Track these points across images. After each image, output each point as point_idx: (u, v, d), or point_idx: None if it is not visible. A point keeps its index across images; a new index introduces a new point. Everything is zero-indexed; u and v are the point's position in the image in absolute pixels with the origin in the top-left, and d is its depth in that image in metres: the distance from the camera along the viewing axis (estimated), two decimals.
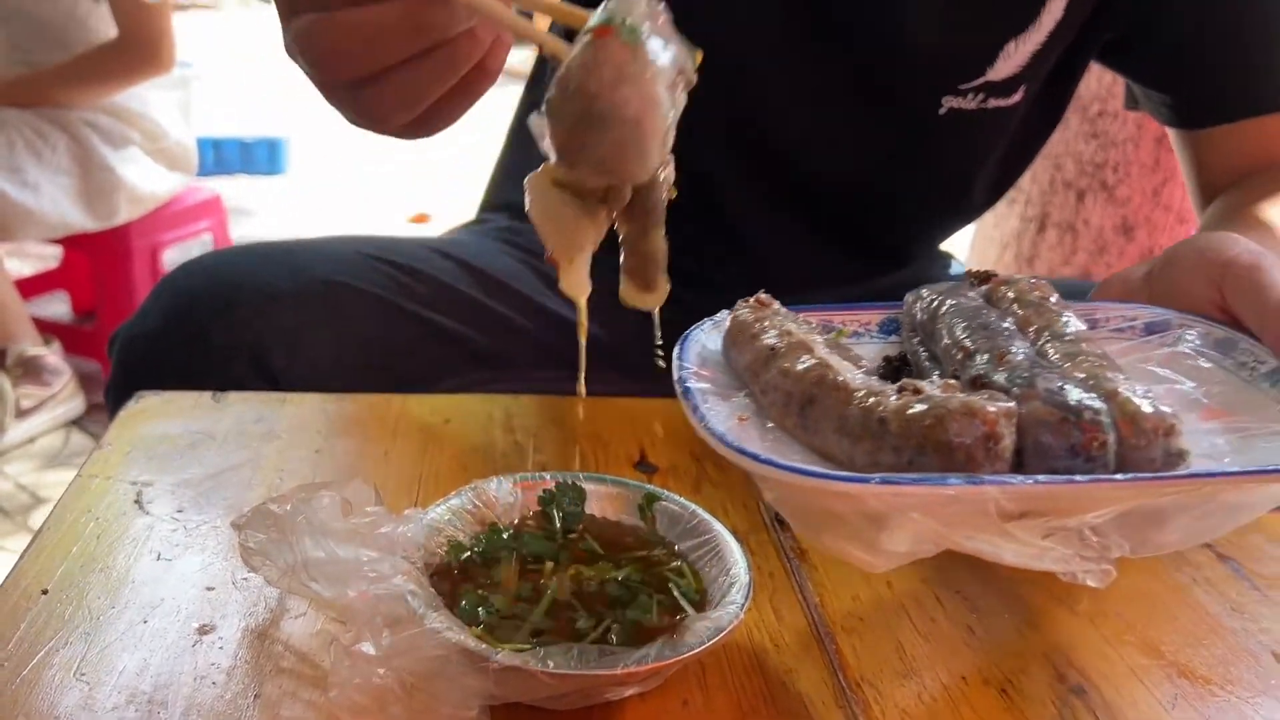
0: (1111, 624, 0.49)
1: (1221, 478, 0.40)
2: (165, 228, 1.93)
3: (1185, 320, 0.52)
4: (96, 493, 0.53)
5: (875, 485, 0.37)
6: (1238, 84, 0.78)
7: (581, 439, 0.62)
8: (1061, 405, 0.39)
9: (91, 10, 1.74)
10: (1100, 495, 0.38)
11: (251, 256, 0.71)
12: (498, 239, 0.90)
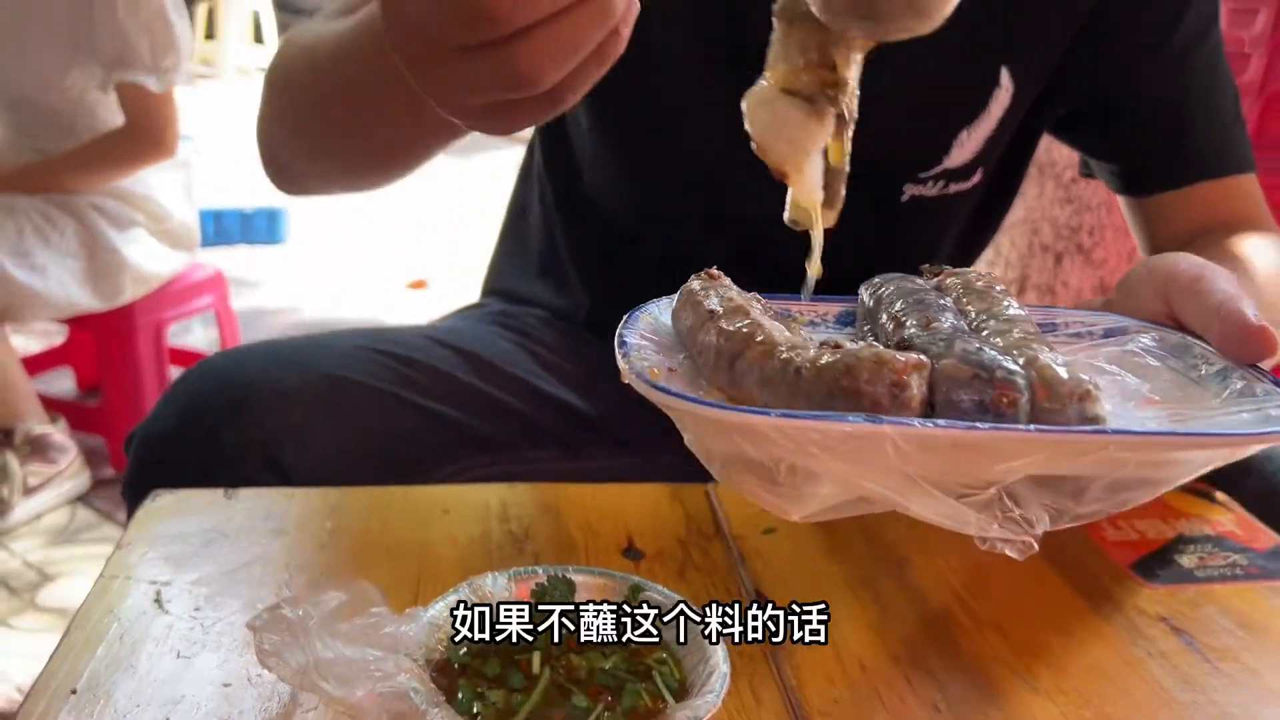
0: (1070, 699, 0.52)
1: (1126, 436, 0.42)
2: (169, 305, 1.98)
3: (1144, 326, 0.55)
4: (118, 593, 0.56)
5: (773, 418, 0.39)
6: (1182, 152, 0.83)
7: (573, 529, 0.65)
8: (975, 363, 0.41)
9: (100, 99, 1.80)
10: (1001, 446, 0.40)
11: (260, 356, 0.74)
12: (493, 323, 0.94)
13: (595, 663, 0.49)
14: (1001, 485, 0.42)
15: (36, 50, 1.75)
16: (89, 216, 1.79)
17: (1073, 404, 0.41)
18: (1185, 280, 0.54)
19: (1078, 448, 0.41)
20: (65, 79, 1.77)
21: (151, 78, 1.74)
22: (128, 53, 1.72)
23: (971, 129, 0.80)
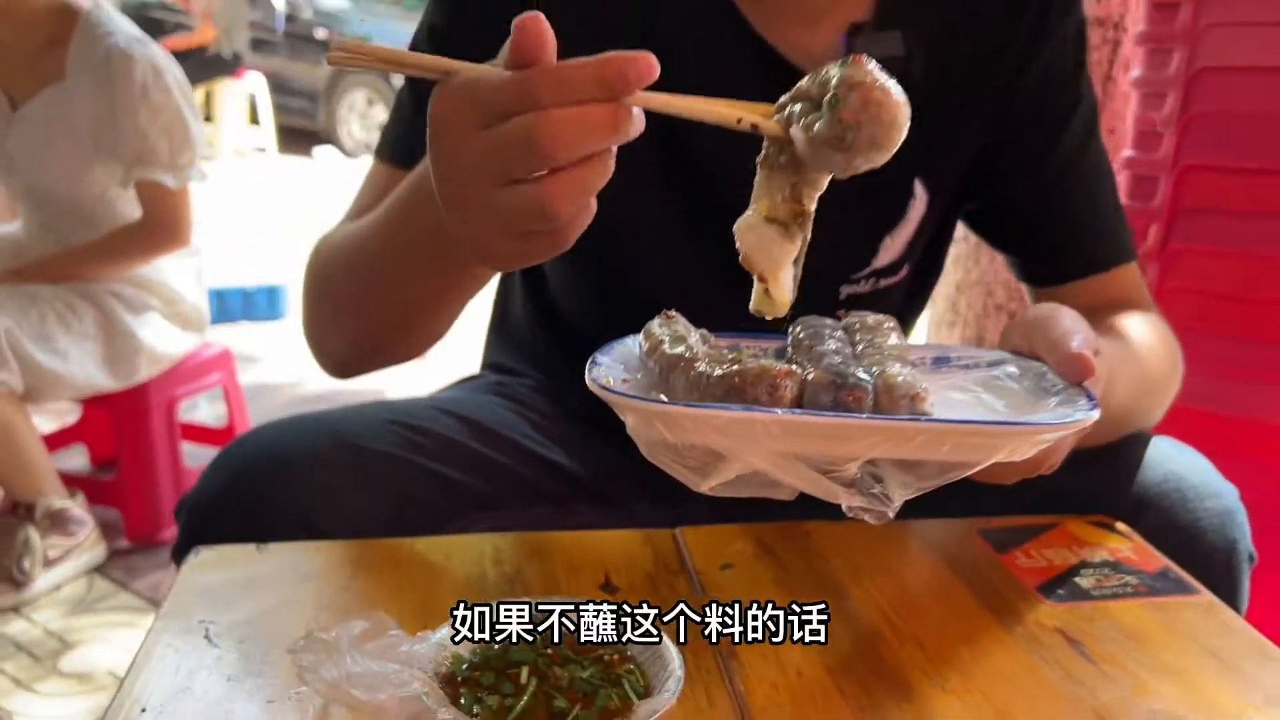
0: (974, 696, 0.63)
1: (930, 424, 0.54)
2: (180, 382, 2.09)
3: (1013, 359, 0.66)
4: (175, 630, 0.67)
5: (679, 407, 0.53)
6: (1071, 251, 0.94)
7: (558, 569, 0.76)
8: (834, 372, 0.55)
9: (119, 194, 1.93)
10: (844, 431, 0.53)
11: (294, 429, 0.84)
12: (490, 392, 1.04)
13: (574, 673, 0.59)
14: (860, 465, 0.55)
15: (63, 151, 1.88)
16: (106, 302, 1.91)
17: (905, 402, 0.55)
18: (1039, 321, 0.66)
19: (899, 432, 0.53)
20: (89, 176, 1.89)
21: (169, 175, 1.87)
22: (148, 153, 1.85)
23: (894, 234, 0.91)
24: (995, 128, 0.91)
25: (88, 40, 1.85)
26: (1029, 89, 0.90)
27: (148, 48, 1.88)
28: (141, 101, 1.84)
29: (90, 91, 1.85)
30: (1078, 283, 0.94)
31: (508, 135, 0.51)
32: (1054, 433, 0.57)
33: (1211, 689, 0.64)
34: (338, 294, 0.85)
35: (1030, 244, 0.97)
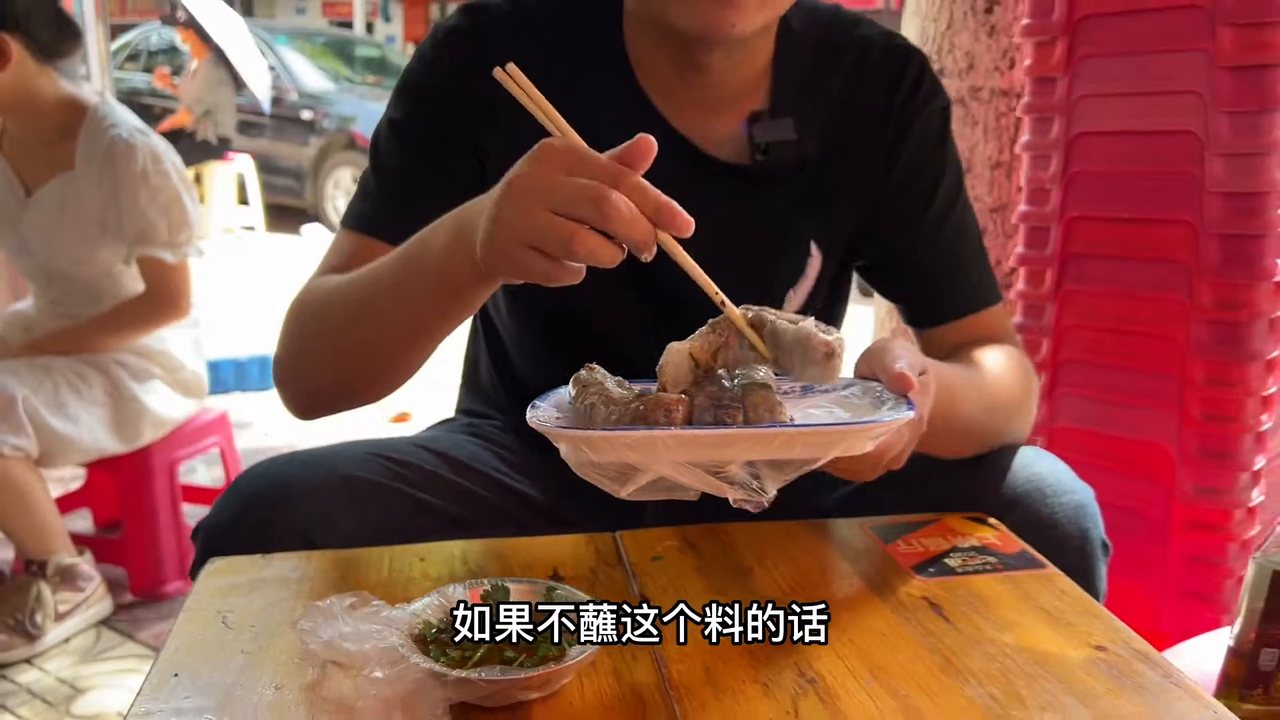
0: (848, 649, 0.77)
1: (787, 429, 0.70)
2: (181, 445, 2.23)
3: (861, 383, 0.81)
4: (199, 619, 0.81)
5: (596, 432, 0.69)
6: (947, 295, 1.08)
7: (515, 566, 0.91)
8: (714, 397, 0.71)
9: (123, 270, 2.09)
10: (718, 441, 0.69)
11: (294, 463, 0.96)
12: (463, 432, 1.18)
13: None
14: (741, 466, 0.70)
15: (72, 233, 2.04)
16: (113, 371, 2.07)
17: (767, 415, 0.71)
18: (876, 352, 0.82)
19: (763, 438, 0.69)
20: (95, 256, 2.05)
21: (168, 252, 2.04)
22: (148, 231, 2.02)
23: (796, 288, 1.06)
24: (876, 195, 1.07)
25: (94, 132, 2.03)
26: (902, 162, 1.06)
27: (149, 137, 2.06)
28: (142, 185, 2.01)
29: (96, 179, 2.02)
30: (951, 324, 1.09)
31: (586, 188, 0.69)
32: (877, 429, 0.73)
33: (1041, 636, 0.80)
34: (329, 333, 0.96)
35: (910, 293, 1.12)
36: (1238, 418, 1.40)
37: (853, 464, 0.78)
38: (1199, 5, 1.35)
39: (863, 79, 1.06)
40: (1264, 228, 1.36)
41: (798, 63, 1.05)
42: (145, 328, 2.07)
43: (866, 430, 0.72)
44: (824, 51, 1.06)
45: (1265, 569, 1.07)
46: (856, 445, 0.72)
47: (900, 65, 1.07)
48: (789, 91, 1.04)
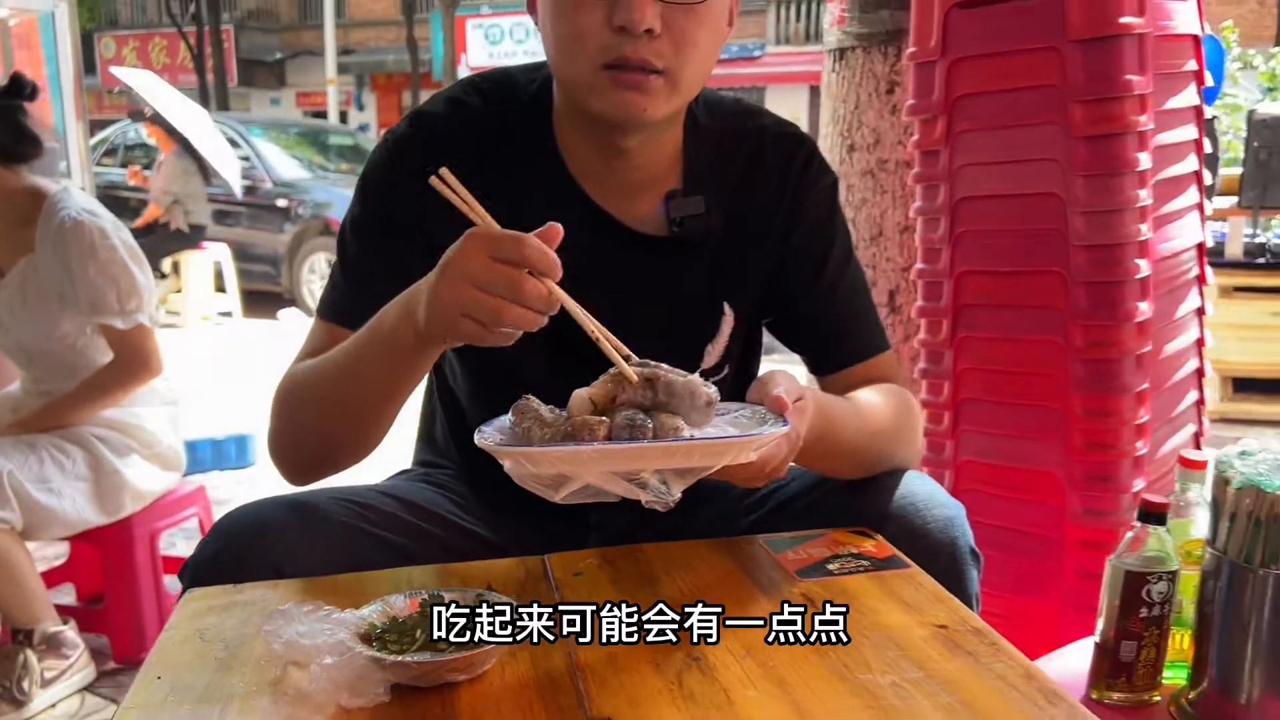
0: (734, 641, 0.89)
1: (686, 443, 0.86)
2: (161, 516, 2.35)
3: (751, 406, 0.97)
4: (178, 637, 0.95)
5: (532, 448, 0.85)
6: (842, 346, 1.22)
7: (454, 585, 1.05)
8: (629, 419, 0.86)
9: (90, 342, 2.22)
10: (628, 454, 0.85)
11: (268, 506, 1.09)
12: (419, 479, 1.31)
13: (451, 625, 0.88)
14: (653, 474, 0.86)
15: (36, 310, 2.18)
16: (94, 445, 2.20)
17: (671, 432, 0.87)
18: (761, 382, 0.98)
19: (668, 449, 0.85)
20: (59, 330, 2.19)
21: (119, 319, 2.16)
22: (99, 301, 2.15)
23: (713, 343, 1.18)
24: (776, 262, 1.22)
25: (49, 215, 2.19)
26: (798, 230, 1.22)
27: (96, 216, 2.21)
28: (90, 258, 2.16)
29: (52, 257, 2.17)
30: (847, 371, 1.23)
31: (506, 274, 0.87)
32: (758, 441, 0.89)
33: (894, 619, 0.94)
34: (312, 405, 1.10)
35: (810, 345, 1.26)
36: (1115, 445, 1.56)
37: (742, 471, 0.93)
38: (1053, 85, 1.54)
39: (760, 162, 1.21)
40: (1123, 275, 1.54)
41: (705, 149, 1.19)
42: (120, 390, 2.19)
43: (750, 442, 0.88)
44: (726, 139, 1.21)
45: (1119, 570, 1.22)
46: (742, 455, 0.89)
47: (791, 150, 1.22)
48: (698, 173, 1.19)
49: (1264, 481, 1.13)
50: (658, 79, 1.06)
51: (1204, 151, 1.76)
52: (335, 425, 1.11)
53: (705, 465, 0.88)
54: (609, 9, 1.03)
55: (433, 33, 18.65)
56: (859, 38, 2.03)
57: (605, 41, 1.04)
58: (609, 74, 1.06)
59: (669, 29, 1.05)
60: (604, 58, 1.05)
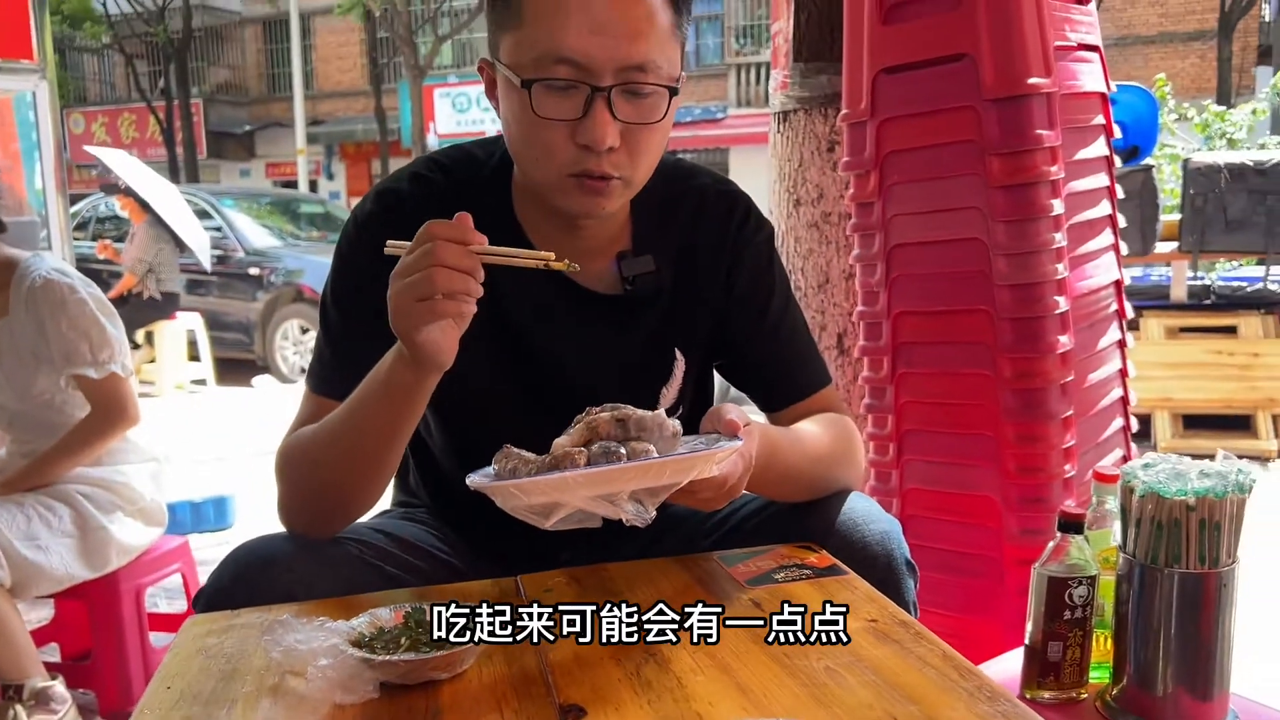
0: (683, 634, 1.03)
1: (657, 461, 0.96)
2: (145, 572, 2.42)
3: (707, 436, 1.08)
4: (183, 655, 1.04)
5: (519, 480, 0.94)
6: (786, 383, 1.32)
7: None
8: (604, 448, 0.97)
9: (66, 398, 2.31)
10: (615, 475, 0.95)
11: (275, 540, 1.18)
12: (403, 517, 1.41)
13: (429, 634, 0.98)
14: (630, 496, 0.96)
15: (11, 370, 2.26)
16: (80, 503, 2.27)
17: (643, 455, 0.98)
18: (713, 411, 1.09)
19: (642, 469, 0.96)
20: (34, 387, 2.28)
21: (92, 369, 2.25)
22: (72, 353, 2.24)
23: (668, 386, 1.28)
24: (721, 309, 1.31)
25: (21, 279, 2.29)
26: (740, 280, 1.32)
27: (66, 275, 2.31)
28: (61, 314, 2.25)
29: (25, 318, 2.27)
30: (793, 406, 1.33)
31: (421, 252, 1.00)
32: (719, 455, 1.00)
33: (819, 608, 1.05)
34: (319, 467, 1.17)
35: (757, 384, 1.36)
36: (1045, 468, 1.69)
37: (706, 488, 1.04)
38: (972, 140, 1.70)
39: (701, 218, 1.31)
40: (1044, 311, 1.68)
41: (651, 211, 1.29)
42: (98, 442, 2.27)
43: (712, 455, 1.00)
44: (669, 199, 1.30)
45: (1042, 577, 1.34)
46: (706, 469, 1.00)
47: (729, 205, 1.33)
48: (646, 234, 1.29)
49: (1163, 488, 1.25)
50: (617, 182, 1.16)
51: (1115, 197, 1.92)
52: (349, 477, 1.18)
53: (676, 481, 0.99)
54: (572, 128, 1.12)
55: (401, 102, 18.97)
56: (800, 101, 2.19)
57: (570, 155, 1.13)
58: (573, 180, 1.15)
59: (627, 142, 1.14)
60: (569, 169, 1.15)
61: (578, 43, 1.10)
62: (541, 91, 1.12)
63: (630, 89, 1.13)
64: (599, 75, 1.11)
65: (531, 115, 1.13)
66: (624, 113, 1.13)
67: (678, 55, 1.17)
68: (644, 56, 1.11)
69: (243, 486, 4.18)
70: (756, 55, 17.96)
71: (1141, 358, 4.68)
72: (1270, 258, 4.83)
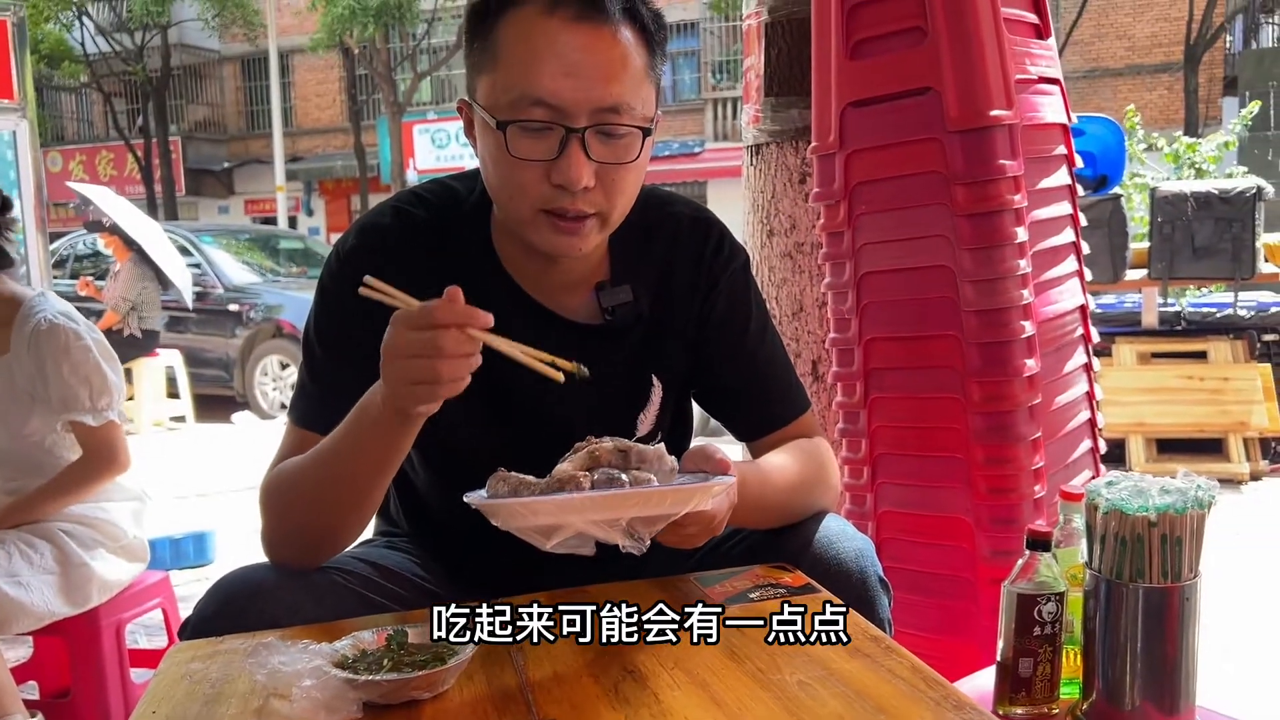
0: (659, 650, 1.05)
1: (659, 489, 1.00)
2: (126, 607, 2.42)
3: (692, 475, 1.10)
4: (168, 680, 1.05)
5: (534, 499, 0.98)
6: (764, 411, 1.35)
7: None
8: (608, 475, 1.00)
9: (57, 440, 2.31)
10: (617, 500, 0.98)
11: (262, 568, 1.20)
12: (386, 546, 1.42)
13: (413, 654, 1.00)
14: (628, 524, 0.99)
15: (7, 409, 2.26)
16: (61, 539, 2.27)
17: (645, 483, 1.01)
18: (697, 449, 1.12)
19: (644, 496, 1.00)
20: (28, 427, 2.28)
21: (89, 416, 2.26)
22: (71, 400, 2.25)
23: (645, 412, 1.31)
24: (698, 337, 1.33)
25: (25, 319, 2.29)
26: (717, 308, 1.35)
27: (72, 319, 2.32)
28: (64, 359, 2.26)
29: (26, 358, 2.27)
30: (771, 434, 1.35)
31: (424, 336, 1.01)
32: (715, 488, 1.04)
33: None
34: (306, 498, 1.19)
35: (734, 413, 1.38)
36: (1015, 489, 1.73)
37: (693, 523, 1.08)
38: (937, 171, 1.75)
39: (677, 246, 1.34)
40: (1010, 335, 1.72)
41: (627, 241, 1.31)
42: (88, 485, 2.27)
43: (709, 487, 1.04)
44: (646, 229, 1.32)
45: (1012, 594, 1.37)
46: (703, 501, 1.04)
47: (705, 233, 1.35)
48: (623, 264, 1.31)
49: (1125, 505, 1.29)
50: (591, 221, 1.18)
51: (1079, 225, 1.98)
52: (334, 511, 1.19)
53: (674, 511, 1.02)
54: (548, 168, 1.14)
55: (380, 138, 19.06)
56: (772, 134, 2.25)
57: (545, 193, 1.16)
58: (548, 218, 1.17)
59: (601, 181, 1.16)
60: (543, 205, 1.17)
61: (552, 85, 1.12)
62: (517, 133, 1.14)
63: (604, 130, 1.15)
64: (573, 117, 1.13)
65: (507, 156, 1.15)
66: (598, 153, 1.15)
67: (652, 96, 1.20)
68: (617, 98, 1.14)
69: (223, 522, 4.17)
70: (733, 90, 18.17)
71: (1114, 383, 4.77)
72: (1237, 284, 4.92)
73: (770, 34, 2.21)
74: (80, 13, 18.89)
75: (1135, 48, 17.32)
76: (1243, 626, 2.70)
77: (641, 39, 1.17)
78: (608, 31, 1.14)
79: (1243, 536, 3.64)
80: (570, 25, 1.13)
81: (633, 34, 1.16)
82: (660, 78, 1.22)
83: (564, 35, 1.12)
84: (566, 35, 1.12)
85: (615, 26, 1.15)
